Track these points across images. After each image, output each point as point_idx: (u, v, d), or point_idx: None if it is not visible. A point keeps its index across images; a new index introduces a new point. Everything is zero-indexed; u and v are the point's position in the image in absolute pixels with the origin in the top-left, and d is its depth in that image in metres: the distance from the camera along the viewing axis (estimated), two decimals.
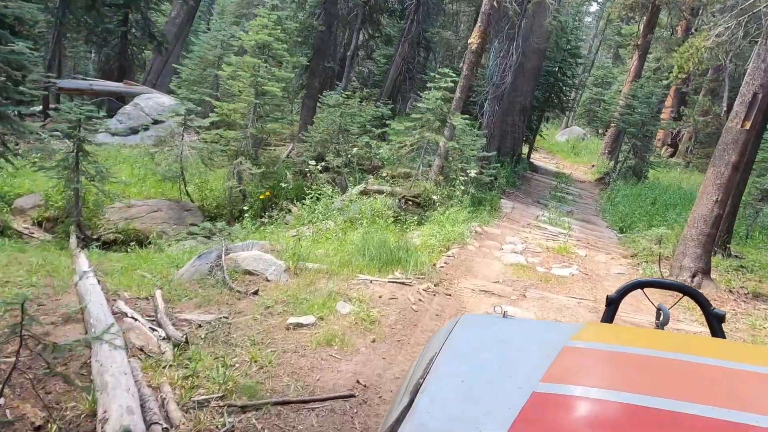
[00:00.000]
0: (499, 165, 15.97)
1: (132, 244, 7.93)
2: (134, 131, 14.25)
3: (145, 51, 20.36)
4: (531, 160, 21.07)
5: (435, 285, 5.98)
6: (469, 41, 9.92)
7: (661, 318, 1.88)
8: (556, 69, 20.42)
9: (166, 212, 8.68)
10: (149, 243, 7.98)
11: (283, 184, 8.94)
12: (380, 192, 9.32)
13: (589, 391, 0.96)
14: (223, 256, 5.73)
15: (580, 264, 8.06)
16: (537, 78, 17.64)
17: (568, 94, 22.96)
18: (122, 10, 18.65)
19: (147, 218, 8.47)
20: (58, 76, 14.63)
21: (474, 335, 1.25)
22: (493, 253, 7.90)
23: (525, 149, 21.02)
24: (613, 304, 1.92)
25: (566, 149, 28.51)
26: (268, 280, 5.59)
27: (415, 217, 9.12)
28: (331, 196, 9.39)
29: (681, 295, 1.93)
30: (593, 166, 23.92)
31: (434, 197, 8.91)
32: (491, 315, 1.42)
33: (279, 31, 9.27)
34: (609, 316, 1.92)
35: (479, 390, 1.01)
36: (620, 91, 32.22)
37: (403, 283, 5.89)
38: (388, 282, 5.88)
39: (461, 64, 10.08)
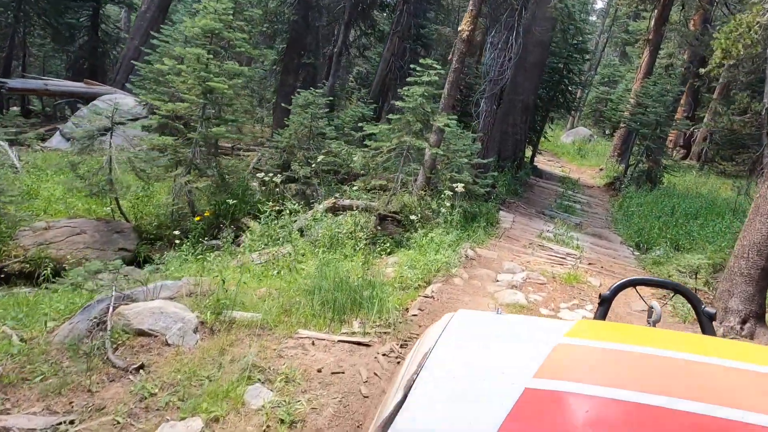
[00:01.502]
0: (498, 171, 14.43)
1: (42, 276, 6.41)
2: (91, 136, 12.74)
3: (116, 49, 18.89)
4: (535, 163, 19.49)
5: (401, 346, 4.43)
6: (459, 28, 8.38)
7: (653, 316, 1.90)
8: (561, 65, 18.83)
9: (91, 235, 7.18)
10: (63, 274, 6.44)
11: (231, 201, 7.39)
12: (351, 208, 7.79)
13: (582, 387, 0.97)
14: (111, 309, 4.20)
15: (595, 300, 6.49)
16: (540, 74, 16.06)
17: (574, 92, 21.35)
18: (89, 3, 17.19)
19: (66, 243, 6.97)
20: (5, 75, 13.16)
21: (468, 331, 1.26)
22: (485, 287, 6.33)
23: (528, 152, 19.47)
24: (605, 302, 1.96)
25: (572, 151, 26.88)
26: (168, 344, 4.05)
27: (394, 239, 7.58)
28: (297, 212, 7.85)
29: (673, 292, 1.99)
30: (601, 169, 22.30)
31: (413, 217, 7.36)
32: (486, 312, 1.38)
33: (232, 16, 7.75)
34: (601, 313, 1.96)
35: (473, 385, 1.02)
36: (629, 90, 30.72)
37: (358, 343, 4.35)
38: (339, 341, 4.34)
39: (449, 56, 8.58)
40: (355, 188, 8.11)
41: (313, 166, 8.67)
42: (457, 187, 7.65)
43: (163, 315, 4.21)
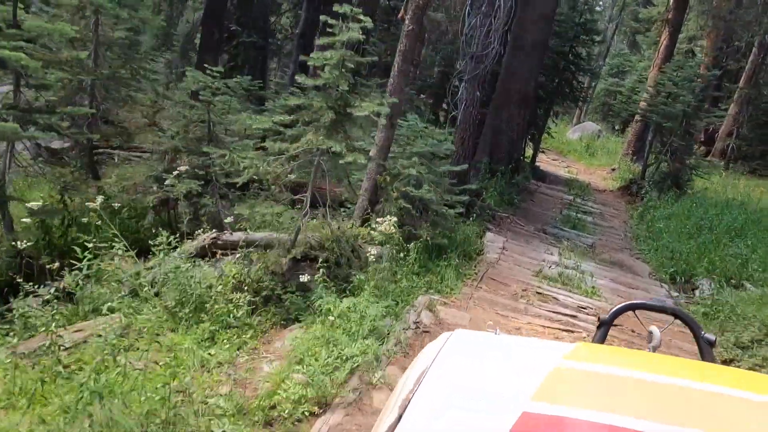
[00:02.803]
0: (488, 176, 11.57)
1: None
2: None
3: None
4: (537, 164, 16.61)
5: None
6: None
7: (653, 341, 1.87)
8: (567, 48, 15.93)
9: None
10: None
11: (47, 233, 4.63)
12: (242, 246, 4.98)
13: (580, 412, 0.96)
14: None
15: None
16: (542, 57, 13.18)
17: (582, 81, 18.47)
18: None
19: None
20: None
21: (466, 351, 1.24)
22: None
23: (529, 151, 16.59)
24: (604, 326, 1.94)
25: (579, 149, 23.95)
26: None
27: (307, 297, 4.78)
28: (169, 250, 5.02)
29: (673, 318, 1.95)
30: (613, 169, 19.41)
31: (321, 268, 4.56)
32: (484, 332, 1.37)
33: None
34: (600, 337, 1.94)
35: (469, 407, 1.01)
36: (642, 81, 27.81)
37: None
38: None
39: (400, 13, 5.80)
40: (246, 213, 5.31)
41: (210, 173, 5.88)
42: (389, 222, 4.85)
43: None
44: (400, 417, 1.01)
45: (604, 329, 1.93)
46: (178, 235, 5.11)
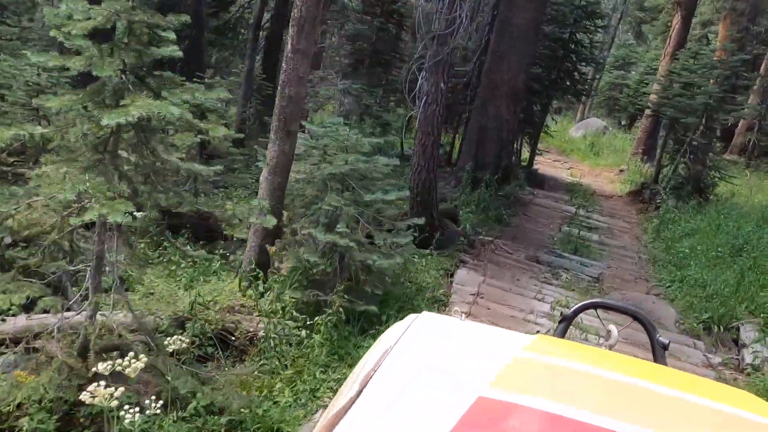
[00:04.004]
0: (470, 187, 9.54)
1: None
2: None
3: None
4: (535, 166, 14.53)
5: None
6: None
7: (610, 339, 1.94)
8: (567, 35, 13.86)
9: None
10: None
11: None
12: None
13: (533, 401, 0.99)
14: None
15: None
16: (535, 43, 11.13)
17: (584, 73, 16.36)
18: None
19: None
20: None
21: (430, 333, 1.26)
22: None
23: (525, 152, 14.51)
24: (566, 321, 2.03)
25: (583, 148, 21.81)
26: None
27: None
28: None
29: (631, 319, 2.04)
30: (621, 170, 17.29)
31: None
32: (449, 317, 1.39)
33: None
34: (561, 331, 2.02)
35: (428, 387, 1.04)
36: (649, 73, 25.70)
37: None
38: None
39: None
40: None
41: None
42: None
43: None
44: (360, 392, 1.04)
45: (565, 324, 2.02)
46: None
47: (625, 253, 9.00)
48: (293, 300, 3.74)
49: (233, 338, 3.49)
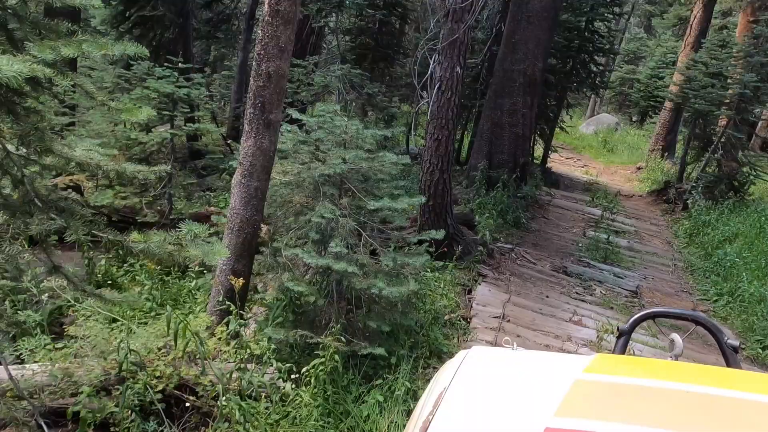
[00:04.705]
0: (485, 188, 8.61)
1: None
2: None
3: None
4: (548, 164, 13.56)
5: None
6: None
7: (675, 349, 1.82)
8: (583, 24, 12.89)
9: None
10: None
11: None
12: None
13: (602, 426, 0.93)
14: None
15: None
16: (552, 29, 10.18)
17: (600, 63, 15.37)
18: None
19: None
20: None
21: (484, 369, 1.21)
22: None
23: (539, 149, 13.52)
24: (624, 336, 1.90)
25: (596, 144, 20.86)
26: None
27: None
28: None
29: (694, 325, 1.90)
30: (639, 168, 16.33)
31: None
32: (501, 348, 1.34)
33: None
34: (621, 347, 1.90)
35: (491, 425, 0.99)
36: (664, 65, 24.72)
37: None
38: None
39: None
40: None
41: None
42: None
43: None
44: None
45: (624, 339, 1.89)
46: None
47: (659, 260, 8.05)
48: (275, 342, 2.83)
49: (194, 398, 2.59)
